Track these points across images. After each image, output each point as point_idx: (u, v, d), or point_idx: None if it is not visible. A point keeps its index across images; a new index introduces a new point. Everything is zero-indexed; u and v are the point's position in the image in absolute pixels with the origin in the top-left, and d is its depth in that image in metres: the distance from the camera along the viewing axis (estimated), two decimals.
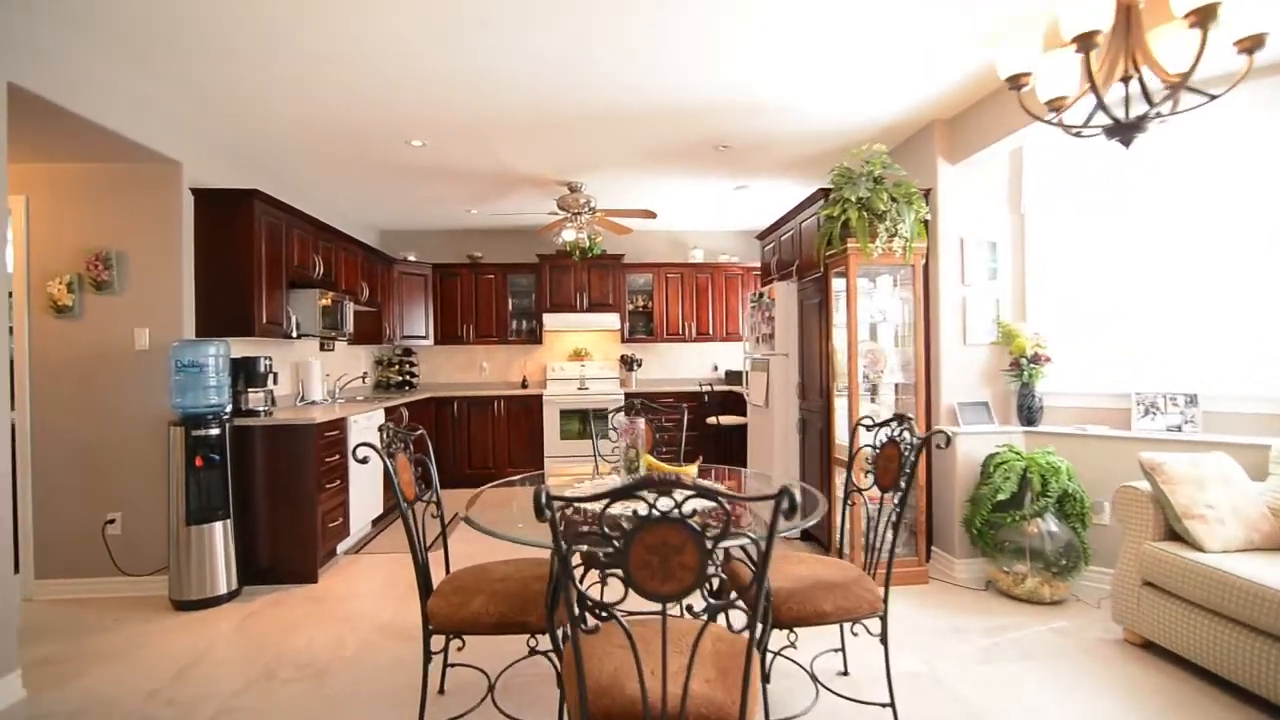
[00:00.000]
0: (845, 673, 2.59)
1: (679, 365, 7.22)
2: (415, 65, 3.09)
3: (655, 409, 3.40)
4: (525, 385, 6.91)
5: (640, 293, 7.00)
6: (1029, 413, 3.67)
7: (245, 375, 3.87)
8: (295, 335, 4.35)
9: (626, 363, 6.99)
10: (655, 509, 1.29)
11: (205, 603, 3.38)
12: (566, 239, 5.46)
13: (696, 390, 6.46)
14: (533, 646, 2.16)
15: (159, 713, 2.41)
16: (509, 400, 6.46)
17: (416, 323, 6.58)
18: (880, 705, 2.23)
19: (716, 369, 7.22)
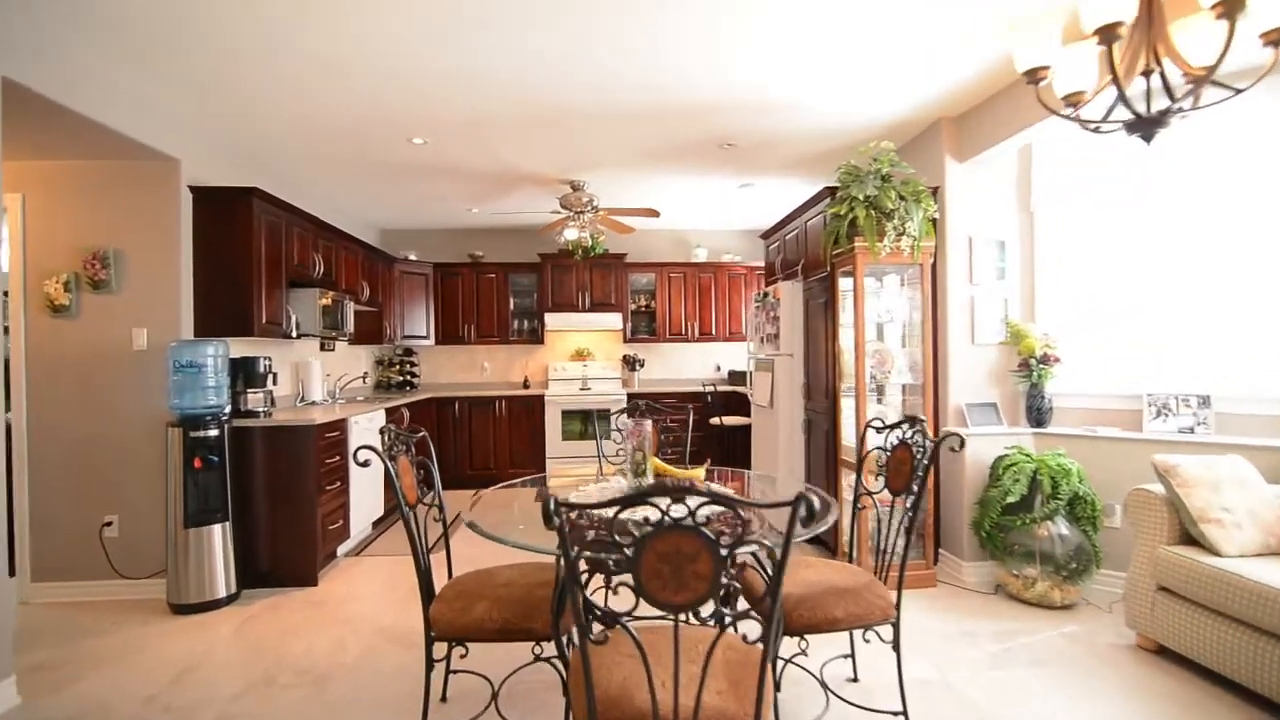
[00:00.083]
0: (855, 679, 2.55)
1: (682, 365, 7.18)
2: (416, 64, 3.05)
3: (660, 410, 3.36)
4: (527, 385, 6.87)
5: (643, 292, 6.95)
6: (1038, 414, 3.62)
7: (244, 375, 3.83)
8: (295, 335, 4.30)
9: (629, 363, 6.94)
10: (668, 516, 1.24)
11: (204, 606, 3.34)
12: (569, 238, 5.41)
13: (699, 390, 6.41)
14: (537, 654, 2.11)
15: (157, 718, 2.37)
16: (510, 401, 6.41)
17: (417, 322, 6.53)
18: (892, 713, 2.19)
19: (719, 369, 7.17)
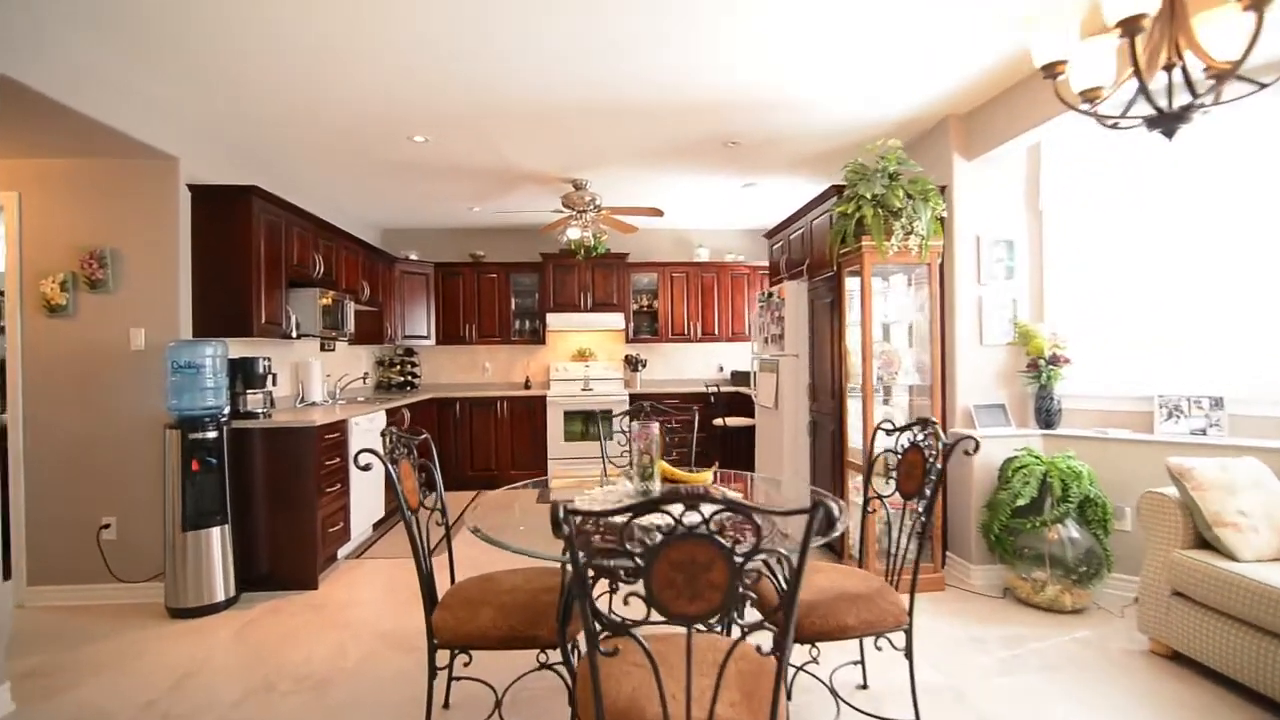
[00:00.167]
0: (865, 686, 2.50)
1: (684, 366, 7.13)
2: (420, 58, 3.00)
3: (665, 411, 3.31)
4: (528, 386, 6.82)
5: (645, 292, 6.90)
6: (1047, 415, 3.58)
7: (243, 376, 3.78)
8: (295, 335, 4.25)
9: (631, 363, 6.90)
10: (682, 524, 1.20)
11: (202, 610, 3.29)
12: (571, 237, 5.36)
13: (702, 391, 6.36)
14: (542, 661, 2.07)
15: None
16: (512, 401, 6.37)
17: (418, 322, 6.48)
18: None
19: (722, 369, 7.13)
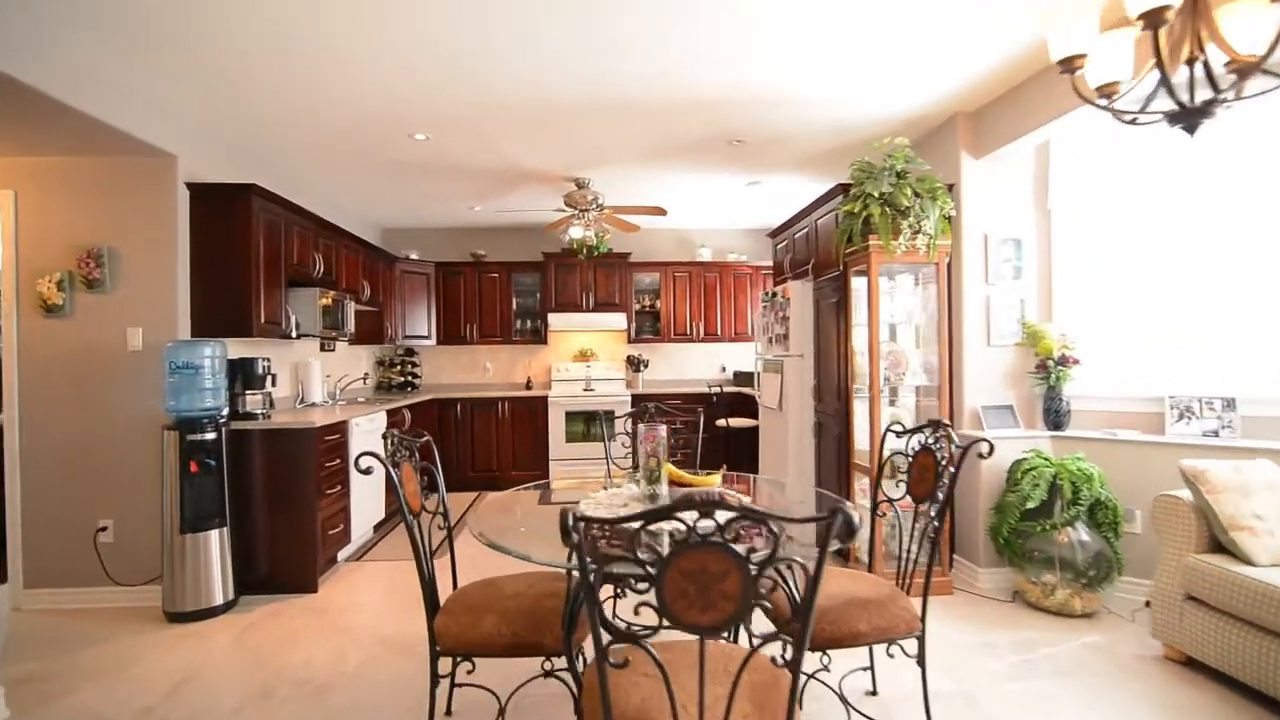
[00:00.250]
0: (874, 692, 2.46)
1: (686, 366, 7.09)
2: (422, 54, 2.96)
3: (669, 412, 3.27)
4: (530, 386, 6.77)
5: (647, 292, 6.86)
6: (1056, 416, 3.53)
7: (242, 377, 3.74)
8: (294, 335, 4.21)
9: (633, 363, 6.85)
10: (695, 531, 1.15)
11: (200, 614, 3.25)
12: (573, 236, 5.31)
13: (704, 392, 6.31)
14: (548, 669, 2.02)
15: None
16: (513, 402, 6.32)
17: (419, 322, 6.44)
18: None
19: (724, 370, 7.09)
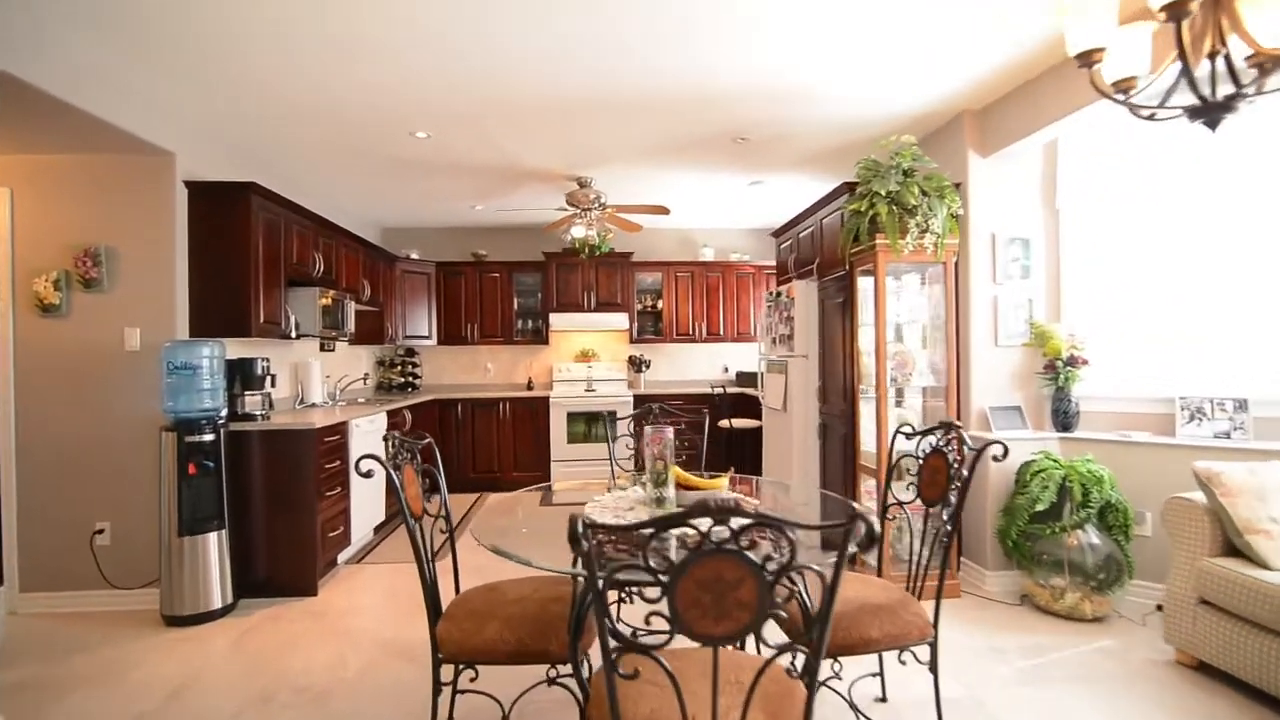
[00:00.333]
0: (884, 698, 2.42)
1: (688, 366, 7.05)
2: (424, 50, 2.92)
3: (674, 413, 3.23)
4: (531, 387, 6.73)
5: (649, 292, 6.82)
6: (1064, 418, 3.49)
7: (241, 377, 3.70)
8: (294, 335, 4.17)
9: (635, 364, 6.81)
10: (709, 539, 1.11)
11: (199, 618, 3.20)
12: (576, 236, 5.27)
13: (707, 392, 6.27)
14: (552, 676, 1.98)
15: None
16: (514, 402, 6.28)
17: (419, 322, 6.40)
18: None
19: (727, 370, 7.05)
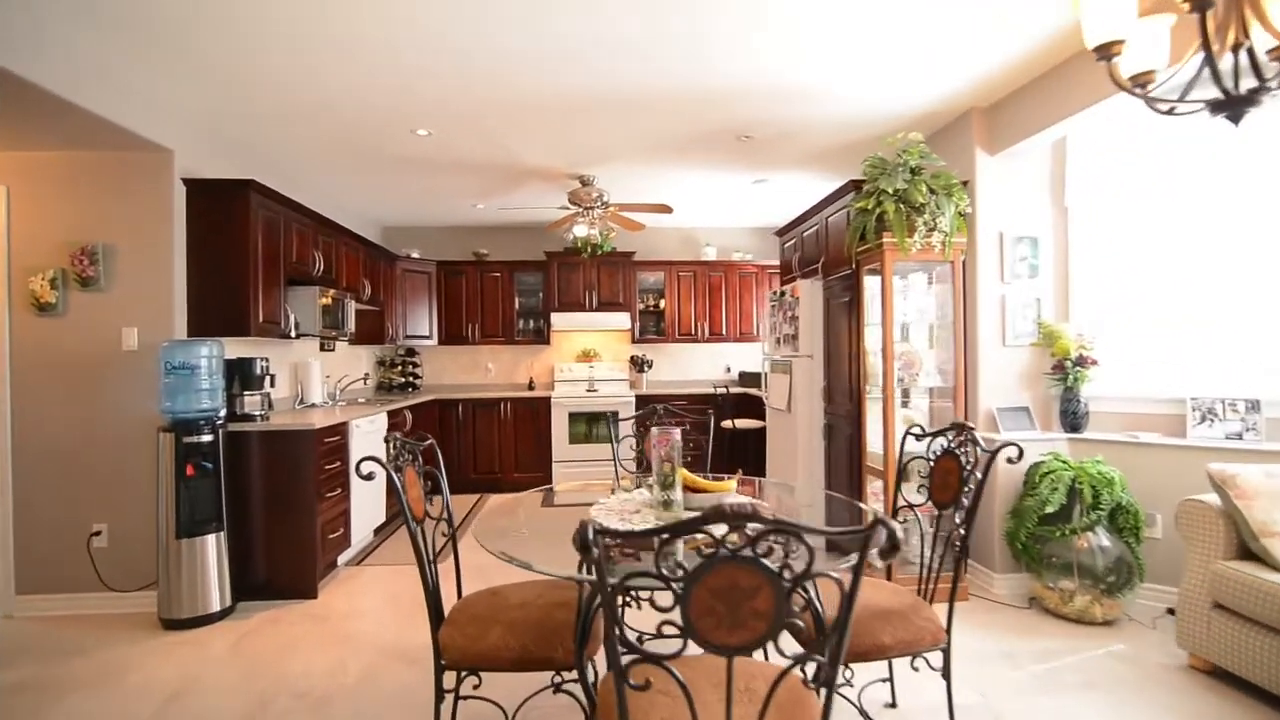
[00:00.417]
0: (893, 704, 2.37)
1: (691, 366, 7.00)
2: (425, 47, 2.87)
3: (678, 413, 3.19)
4: (532, 387, 6.69)
5: (651, 291, 6.77)
6: (1073, 418, 3.45)
7: (240, 377, 3.65)
8: (294, 335, 4.12)
9: (637, 364, 6.77)
10: (724, 546, 1.07)
11: (197, 621, 3.16)
12: (578, 234, 5.23)
13: (709, 392, 6.24)
14: (557, 683, 1.94)
15: None
16: (515, 402, 6.24)
17: (420, 322, 6.35)
18: None
19: (729, 370, 7.00)
